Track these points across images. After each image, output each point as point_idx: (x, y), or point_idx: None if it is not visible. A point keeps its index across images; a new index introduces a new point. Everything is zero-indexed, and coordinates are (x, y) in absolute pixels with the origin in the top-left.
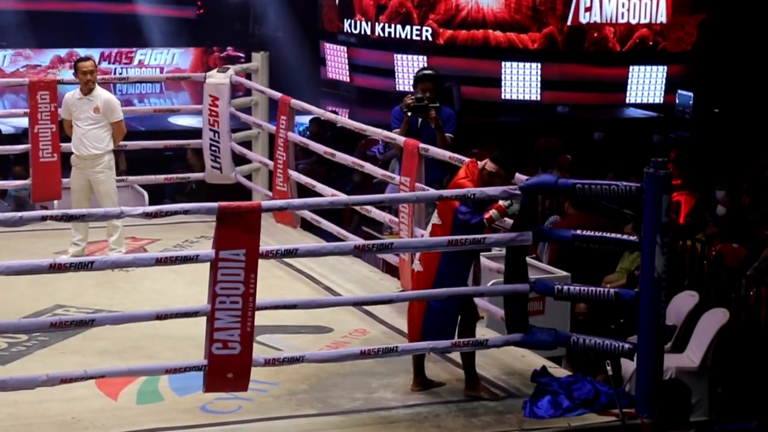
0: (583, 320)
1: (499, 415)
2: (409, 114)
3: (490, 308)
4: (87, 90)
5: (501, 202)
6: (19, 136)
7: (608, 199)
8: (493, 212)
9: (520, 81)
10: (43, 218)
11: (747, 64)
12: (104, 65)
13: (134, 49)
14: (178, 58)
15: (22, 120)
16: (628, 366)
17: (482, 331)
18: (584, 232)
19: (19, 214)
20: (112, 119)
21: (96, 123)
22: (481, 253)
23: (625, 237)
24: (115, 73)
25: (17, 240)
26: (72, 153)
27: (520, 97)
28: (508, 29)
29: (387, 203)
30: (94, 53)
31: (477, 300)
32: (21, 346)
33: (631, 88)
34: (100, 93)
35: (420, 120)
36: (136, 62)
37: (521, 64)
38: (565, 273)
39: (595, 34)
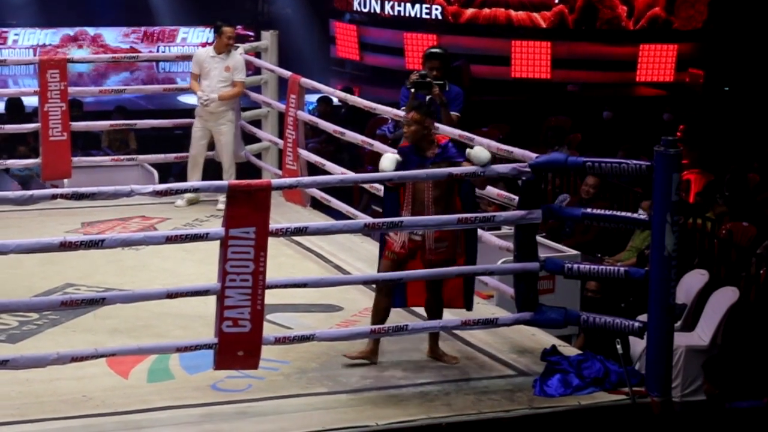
0: (593, 299)
1: (509, 393)
2: (413, 90)
3: (500, 287)
4: (222, 50)
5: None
6: (29, 115)
7: (618, 178)
8: None
9: (530, 59)
10: (54, 197)
11: (757, 43)
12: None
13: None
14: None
15: (32, 99)
16: (638, 345)
17: (492, 310)
18: (594, 210)
19: (30, 192)
20: (236, 78)
21: (225, 81)
22: (491, 232)
23: (635, 215)
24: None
25: (27, 219)
26: (198, 105)
27: (530, 76)
28: (531, 9)
29: (396, 181)
30: (111, 32)
31: (487, 279)
32: (32, 324)
33: (641, 66)
34: (233, 54)
35: (428, 98)
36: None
37: (531, 43)
38: (575, 252)
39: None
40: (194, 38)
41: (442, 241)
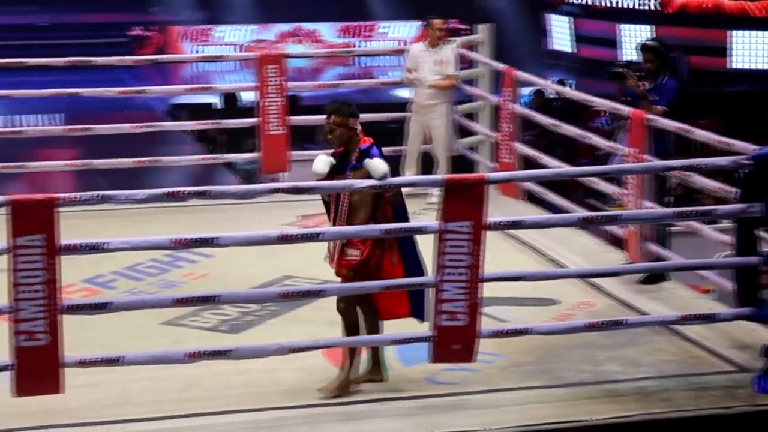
0: None
1: (729, 389)
2: (612, 81)
3: (719, 281)
4: (434, 44)
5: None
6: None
7: None
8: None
9: (749, 49)
10: (273, 191)
11: None
12: (345, 39)
13: (376, 22)
14: (415, 31)
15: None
16: None
17: (711, 305)
18: None
19: (249, 186)
20: (447, 71)
21: (437, 75)
22: (709, 226)
23: None
24: (356, 47)
25: (245, 212)
26: (412, 101)
27: (749, 66)
28: None
29: (613, 174)
30: (326, 27)
31: (706, 273)
32: (252, 315)
33: None
34: (445, 47)
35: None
36: (377, 34)
37: (750, 33)
38: None
39: None
40: (394, 32)
41: (355, 249)
